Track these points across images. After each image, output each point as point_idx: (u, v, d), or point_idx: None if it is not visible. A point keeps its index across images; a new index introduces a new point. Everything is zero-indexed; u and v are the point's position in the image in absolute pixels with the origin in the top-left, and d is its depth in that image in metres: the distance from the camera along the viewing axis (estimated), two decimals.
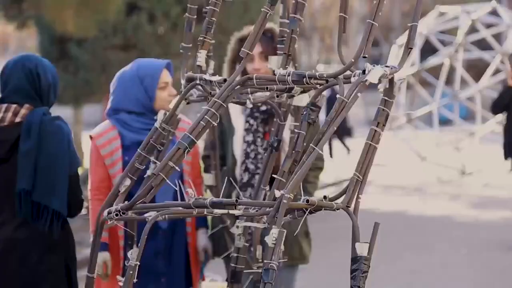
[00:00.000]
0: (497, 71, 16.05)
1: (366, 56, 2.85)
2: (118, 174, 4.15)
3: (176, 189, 4.04)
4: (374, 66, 2.85)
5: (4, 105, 3.77)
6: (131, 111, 4.24)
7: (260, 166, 4.44)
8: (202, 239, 4.37)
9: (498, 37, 18.93)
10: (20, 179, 3.67)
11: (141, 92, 4.23)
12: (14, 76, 3.81)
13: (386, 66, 2.88)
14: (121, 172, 4.13)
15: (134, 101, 4.23)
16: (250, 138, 4.51)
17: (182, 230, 4.30)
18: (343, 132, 20.02)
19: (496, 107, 10.53)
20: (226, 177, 4.39)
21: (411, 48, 2.93)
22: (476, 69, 22.53)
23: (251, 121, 4.52)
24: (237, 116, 4.57)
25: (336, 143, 20.47)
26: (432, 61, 16.40)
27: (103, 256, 4.17)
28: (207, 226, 4.41)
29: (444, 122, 20.88)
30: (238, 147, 4.53)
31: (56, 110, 3.88)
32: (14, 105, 3.77)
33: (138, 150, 3.26)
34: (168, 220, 3.03)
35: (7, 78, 3.81)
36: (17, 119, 3.75)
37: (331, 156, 19.34)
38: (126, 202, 3.02)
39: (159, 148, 3.36)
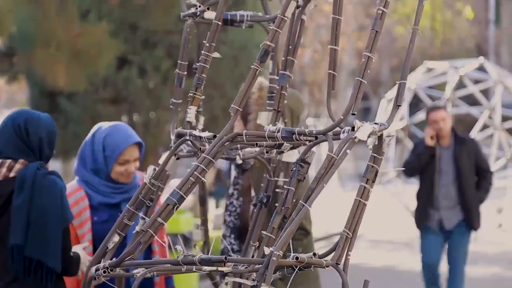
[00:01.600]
0: (485, 126, 16.15)
1: (355, 113, 2.86)
2: (87, 234, 4.14)
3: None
4: (363, 123, 2.86)
5: None
6: (92, 168, 4.27)
7: (233, 219, 4.46)
8: None
9: (485, 92, 19.08)
10: (12, 234, 3.66)
11: (101, 158, 4.25)
12: (5, 131, 3.83)
13: (375, 123, 2.89)
14: (90, 232, 4.13)
15: (94, 162, 4.26)
16: (231, 190, 4.55)
17: None
18: None
19: (412, 170, 8.15)
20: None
21: (400, 105, 2.95)
22: (464, 124, 22.67)
23: (235, 173, 4.56)
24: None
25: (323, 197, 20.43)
26: (421, 115, 16.50)
27: None
28: (173, 287, 4.38)
29: None
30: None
31: (48, 161, 3.88)
32: (8, 160, 3.78)
33: (127, 205, 3.25)
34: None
35: None
36: (11, 174, 3.76)
37: None
38: (114, 259, 3.00)
39: (147, 204, 3.35)
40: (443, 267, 8.15)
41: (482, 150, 8.27)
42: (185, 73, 3.58)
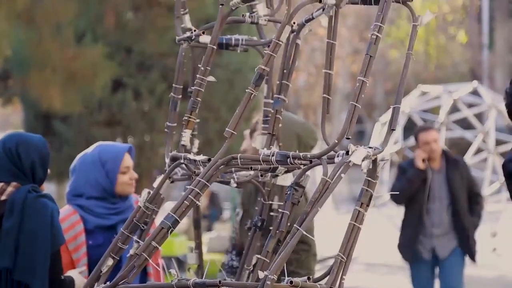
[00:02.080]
0: (479, 150, 16.17)
1: (350, 137, 2.87)
2: (83, 258, 4.13)
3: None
4: (357, 146, 2.87)
5: None
6: (91, 196, 4.23)
7: (235, 235, 4.50)
8: None
9: (479, 116, 19.14)
10: (1, 257, 3.65)
11: (102, 176, 4.23)
12: None
13: (369, 147, 2.90)
14: (86, 256, 4.13)
15: (95, 185, 4.23)
16: (238, 209, 4.68)
17: None
18: None
19: (403, 196, 7.49)
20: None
21: (394, 130, 2.96)
22: (458, 148, 22.69)
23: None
24: None
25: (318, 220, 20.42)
26: None
27: None
28: None
29: None
30: None
31: (41, 183, 3.88)
32: (0, 184, 3.78)
33: (121, 229, 3.24)
34: None
35: None
36: (3, 197, 3.75)
37: None
38: (108, 283, 3.00)
39: (142, 227, 3.35)
40: None
41: (471, 173, 7.84)
42: (180, 96, 3.59)
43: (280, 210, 3.06)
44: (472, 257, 7.50)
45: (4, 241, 3.66)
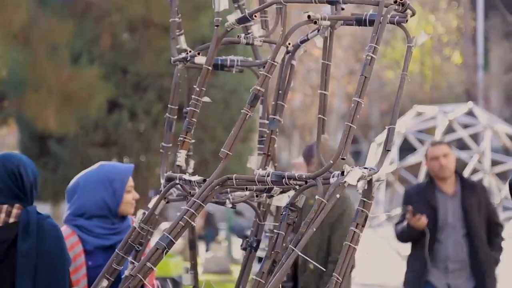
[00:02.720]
0: (474, 171, 16.19)
1: (345, 158, 2.88)
2: (82, 280, 4.12)
3: None
4: (352, 167, 2.87)
5: None
6: (93, 215, 4.22)
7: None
8: None
9: (475, 137, 19.18)
10: (20, 279, 3.66)
11: (109, 194, 4.23)
12: None
13: (365, 168, 2.90)
14: (85, 277, 4.12)
15: (100, 204, 4.22)
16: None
17: None
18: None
19: (407, 239, 6.53)
20: None
21: (389, 150, 2.96)
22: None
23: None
24: None
25: None
26: (411, 159, 16.56)
27: None
28: None
29: None
30: None
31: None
32: (5, 206, 3.79)
33: (116, 250, 3.24)
34: None
35: None
36: (11, 220, 3.76)
37: None
38: None
39: (137, 248, 3.34)
40: None
41: (492, 199, 6.58)
42: (175, 117, 3.59)
43: (275, 230, 3.05)
44: None
45: (22, 263, 3.67)
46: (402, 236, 6.49)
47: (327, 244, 5.14)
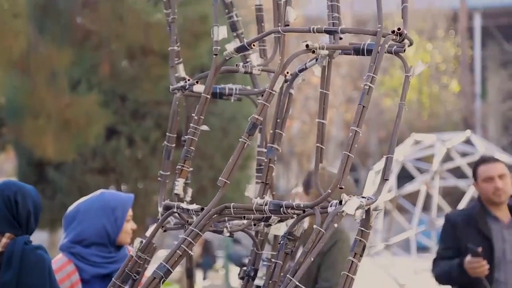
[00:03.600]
0: (472, 199, 16.16)
1: (343, 187, 2.87)
2: None
3: None
4: (350, 196, 2.87)
5: None
6: (92, 242, 4.20)
7: None
8: None
9: (473, 165, 19.12)
10: None
11: (110, 222, 4.22)
12: None
13: (363, 197, 2.90)
14: None
15: (100, 231, 4.20)
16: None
17: None
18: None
19: (446, 282, 5.17)
20: None
21: (387, 179, 2.96)
22: (452, 197, 22.72)
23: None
24: None
25: None
26: (409, 187, 16.55)
27: None
28: None
29: (422, 249, 20.85)
30: None
31: (32, 234, 3.85)
32: None
33: (113, 279, 3.22)
34: None
35: None
36: None
37: None
38: None
39: (134, 277, 3.33)
40: None
41: None
42: (174, 145, 3.59)
43: (273, 260, 3.04)
44: None
45: None
46: (449, 279, 5.18)
47: (315, 273, 5.13)
